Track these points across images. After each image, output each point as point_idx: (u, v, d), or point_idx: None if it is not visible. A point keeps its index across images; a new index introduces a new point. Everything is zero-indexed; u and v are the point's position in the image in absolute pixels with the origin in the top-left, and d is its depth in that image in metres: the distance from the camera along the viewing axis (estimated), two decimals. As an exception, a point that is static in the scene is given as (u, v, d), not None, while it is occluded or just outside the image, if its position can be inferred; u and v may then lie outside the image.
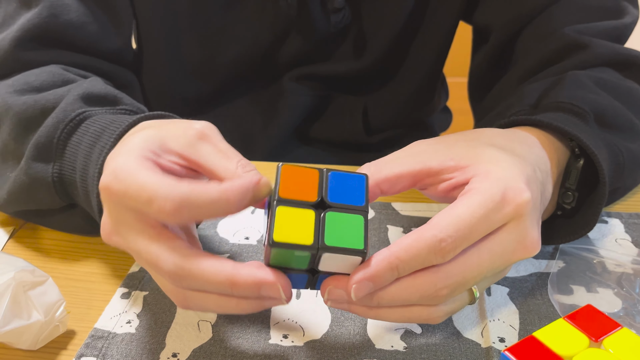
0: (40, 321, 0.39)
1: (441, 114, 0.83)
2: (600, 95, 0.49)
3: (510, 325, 0.42)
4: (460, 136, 0.40)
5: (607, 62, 0.54)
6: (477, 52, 0.68)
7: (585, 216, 0.46)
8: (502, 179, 0.35)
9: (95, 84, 0.49)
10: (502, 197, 0.35)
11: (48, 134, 0.45)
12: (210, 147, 0.37)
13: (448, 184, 0.37)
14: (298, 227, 0.33)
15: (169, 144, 0.37)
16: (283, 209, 0.34)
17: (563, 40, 0.55)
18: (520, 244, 0.36)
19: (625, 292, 0.44)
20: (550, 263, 0.47)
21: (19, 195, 0.47)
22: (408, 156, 0.38)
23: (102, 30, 0.58)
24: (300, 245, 0.33)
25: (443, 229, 0.34)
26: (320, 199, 0.35)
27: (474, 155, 0.37)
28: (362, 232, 0.34)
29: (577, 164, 0.46)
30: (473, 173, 0.36)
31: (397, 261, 0.34)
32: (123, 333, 0.42)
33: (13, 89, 0.49)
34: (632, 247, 0.49)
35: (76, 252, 0.50)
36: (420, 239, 0.34)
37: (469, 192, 0.35)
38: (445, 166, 0.37)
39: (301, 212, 0.34)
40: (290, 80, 0.68)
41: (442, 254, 0.34)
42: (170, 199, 0.33)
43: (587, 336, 0.36)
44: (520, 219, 0.36)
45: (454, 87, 0.86)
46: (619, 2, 0.58)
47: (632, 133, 0.49)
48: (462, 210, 0.34)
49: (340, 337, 0.41)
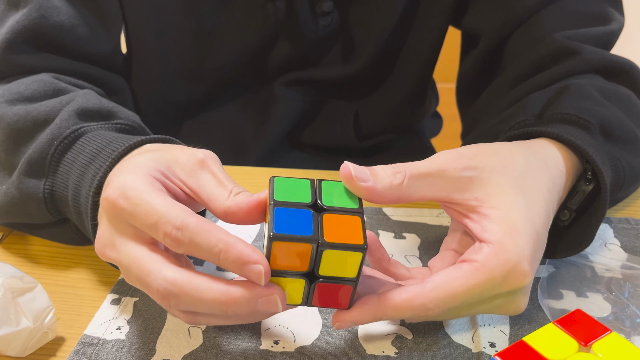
0: (29, 328, 0.38)
1: (432, 119, 0.83)
2: (605, 107, 0.48)
3: (501, 330, 0.42)
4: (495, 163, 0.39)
5: (597, 68, 0.54)
6: (465, 57, 0.68)
7: (582, 234, 0.45)
8: (510, 261, 0.36)
9: (89, 97, 0.48)
10: (504, 279, 0.36)
11: (42, 150, 0.45)
12: (208, 175, 0.38)
13: (463, 222, 0.39)
14: (297, 224, 0.34)
15: (175, 168, 0.38)
16: (280, 210, 0.34)
17: (553, 45, 0.55)
18: (503, 309, 0.39)
19: (615, 296, 0.44)
20: (541, 268, 0.47)
21: (10, 209, 0.47)
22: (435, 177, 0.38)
23: (92, 33, 0.57)
24: (303, 238, 0.33)
25: (433, 300, 0.36)
26: (314, 201, 0.35)
27: (496, 205, 0.37)
28: (361, 230, 0.34)
29: (586, 188, 0.45)
30: (488, 236, 0.37)
31: (381, 315, 0.37)
32: (113, 339, 0.41)
33: (4, 99, 0.49)
34: (622, 252, 0.49)
35: (66, 258, 0.50)
36: (410, 305, 0.36)
37: (474, 265, 0.36)
38: (467, 205, 0.38)
39: (298, 212, 0.35)
40: (282, 85, 0.68)
41: (427, 315, 0.37)
42: (177, 227, 0.33)
43: (576, 340, 0.36)
44: (513, 295, 0.37)
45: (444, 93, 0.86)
46: (606, 9, 0.59)
47: (635, 145, 0.49)
48: (459, 285, 0.36)
49: (331, 342, 0.41)
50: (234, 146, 0.71)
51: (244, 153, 0.71)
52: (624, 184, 0.48)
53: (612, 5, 0.59)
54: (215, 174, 0.38)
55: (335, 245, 0.34)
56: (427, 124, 0.81)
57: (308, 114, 0.71)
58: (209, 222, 0.34)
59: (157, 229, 0.34)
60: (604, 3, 0.59)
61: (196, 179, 0.38)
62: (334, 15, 0.64)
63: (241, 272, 0.34)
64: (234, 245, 0.33)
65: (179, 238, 0.33)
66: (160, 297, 0.34)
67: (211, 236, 0.33)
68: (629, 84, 0.55)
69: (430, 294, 0.36)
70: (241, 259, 0.33)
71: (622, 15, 0.60)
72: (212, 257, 0.33)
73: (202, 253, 0.34)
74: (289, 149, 0.73)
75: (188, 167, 0.38)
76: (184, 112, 0.71)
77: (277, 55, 0.67)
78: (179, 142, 0.45)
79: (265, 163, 0.69)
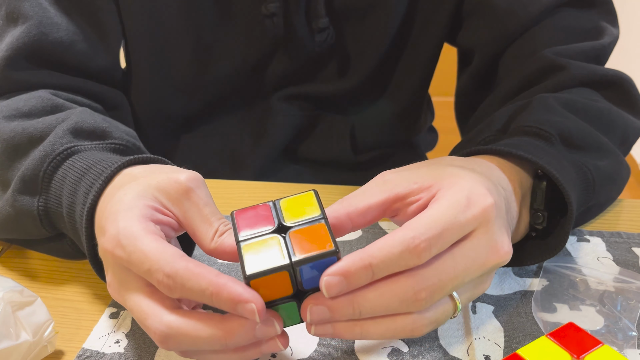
0: (28, 341, 0.39)
1: (427, 134, 0.84)
2: (567, 118, 0.50)
3: (496, 342, 0.43)
4: (423, 163, 0.42)
5: (585, 82, 0.55)
6: (462, 74, 0.69)
7: (558, 236, 0.47)
8: (465, 187, 0.37)
9: (84, 116, 0.49)
10: (467, 200, 0.36)
11: (34, 167, 0.45)
12: (194, 208, 0.39)
13: (417, 206, 0.38)
14: (267, 254, 0.34)
15: (161, 198, 0.39)
16: (247, 245, 0.35)
17: (542, 62, 0.57)
18: (492, 249, 0.37)
19: (607, 309, 0.45)
20: (534, 281, 0.48)
21: (6, 226, 0.47)
22: (375, 187, 0.39)
23: (92, 49, 0.58)
24: (275, 268, 0.34)
25: (415, 229, 0.35)
26: (278, 224, 0.36)
27: (436, 175, 0.39)
28: (329, 235, 0.35)
29: (542, 185, 0.47)
30: (438, 188, 0.38)
31: (370, 258, 0.34)
32: (111, 353, 0.42)
33: (2, 115, 0.50)
34: (614, 265, 0.50)
35: (64, 272, 0.50)
36: (394, 238, 0.34)
37: (436, 200, 0.37)
38: (411, 189, 0.38)
39: (266, 241, 0.35)
40: (279, 100, 0.69)
41: (417, 253, 0.34)
42: (167, 275, 0.34)
43: (569, 353, 0.37)
44: (488, 225, 0.37)
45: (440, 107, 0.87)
46: (598, 23, 0.60)
47: (600, 152, 0.50)
48: (432, 212, 0.36)
49: (328, 356, 0.42)
50: (231, 160, 0.72)
51: (241, 167, 0.72)
52: (596, 185, 0.49)
53: (606, 20, 0.60)
54: (200, 208, 0.39)
55: (308, 258, 0.34)
56: (422, 139, 0.82)
57: (305, 128, 0.72)
58: (199, 264, 0.35)
59: (151, 275, 0.35)
60: (597, 17, 0.60)
61: (182, 210, 0.39)
62: (330, 32, 0.65)
63: (235, 312, 0.34)
64: (225, 287, 0.33)
65: (170, 285, 0.34)
66: (159, 341, 0.35)
67: (201, 280, 0.34)
68: (620, 95, 0.56)
69: (409, 225, 0.35)
70: (233, 300, 0.33)
71: (617, 28, 0.61)
72: (205, 299, 0.34)
73: (195, 296, 0.34)
74: (287, 163, 0.74)
75: (173, 197, 0.39)
76: (182, 126, 0.72)
77: (275, 70, 0.67)
78: (166, 160, 0.45)
79: (264, 177, 0.70)
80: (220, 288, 0.33)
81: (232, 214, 0.37)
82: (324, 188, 0.60)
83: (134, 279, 0.37)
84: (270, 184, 0.63)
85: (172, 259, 0.34)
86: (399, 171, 0.40)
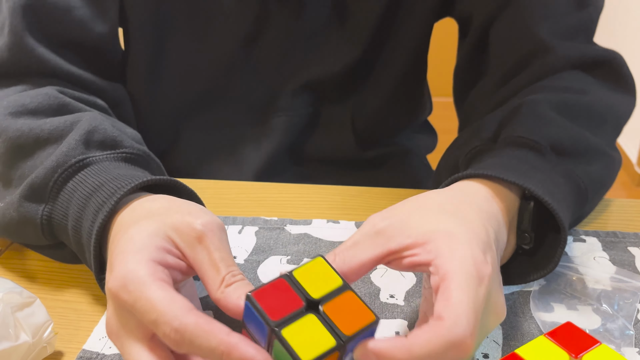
0: (28, 342, 0.39)
1: (427, 136, 0.84)
2: (558, 125, 0.50)
3: (494, 340, 0.43)
4: (412, 206, 0.40)
5: (575, 64, 0.56)
6: (460, 48, 0.68)
7: (547, 256, 0.46)
8: (468, 256, 0.36)
9: (95, 124, 0.48)
10: (477, 272, 0.35)
11: (45, 176, 0.45)
12: (204, 252, 0.38)
13: (411, 261, 0.37)
14: (312, 336, 0.32)
15: (175, 239, 0.38)
16: (287, 330, 0.33)
17: (532, 43, 0.57)
18: (495, 314, 0.37)
19: (604, 309, 0.45)
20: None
21: (7, 229, 0.47)
22: (367, 240, 0.38)
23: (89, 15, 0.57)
24: (329, 350, 0.32)
25: (456, 324, 0.33)
26: (307, 300, 0.34)
27: (429, 230, 0.37)
28: (362, 304, 0.34)
29: (529, 207, 0.46)
30: (435, 254, 0.36)
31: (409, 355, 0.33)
32: (112, 354, 0.42)
33: (8, 112, 0.50)
34: (610, 265, 0.50)
35: (64, 273, 0.50)
36: (437, 334, 0.33)
37: (445, 277, 0.35)
38: (404, 244, 0.37)
39: (304, 322, 0.33)
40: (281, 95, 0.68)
41: (465, 350, 0.33)
42: (175, 330, 0.33)
43: (567, 352, 0.37)
44: (490, 292, 0.36)
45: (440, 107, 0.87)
46: None
47: (589, 156, 0.50)
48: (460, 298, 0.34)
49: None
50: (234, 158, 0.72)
51: (244, 167, 0.71)
52: (589, 193, 0.49)
53: None
54: (211, 253, 0.38)
55: (356, 335, 0.33)
56: (422, 141, 0.82)
57: (307, 124, 0.71)
58: (209, 320, 0.33)
59: (157, 326, 0.33)
60: None
61: (194, 254, 0.38)
62: None
63: None
64: (236, 347, 0.32)
65: (177, 340, 0.33)
66: None
67: (212, 337, 0.32)
68: (611, 74, 0.56)
69: (448, 316, 0.34)
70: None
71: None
72: (214, 358, 0.32)
73: (203, 354, 0.33)
74: (291, 164, 0.73)
75: (187, 240, 0.38)
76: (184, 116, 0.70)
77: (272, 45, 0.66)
78: (176, 180, 0.45)
79: (266, 178, 0.69)
80: (232, 348, 0.32)
81: (248, 296, 0.34)
82: (327, 188, 0.60)
83: (136, 327, 0.35)
84: (270, 184, 0.63)
85: (181, 312, 0.33)
86: (389, 218, 0.39)
